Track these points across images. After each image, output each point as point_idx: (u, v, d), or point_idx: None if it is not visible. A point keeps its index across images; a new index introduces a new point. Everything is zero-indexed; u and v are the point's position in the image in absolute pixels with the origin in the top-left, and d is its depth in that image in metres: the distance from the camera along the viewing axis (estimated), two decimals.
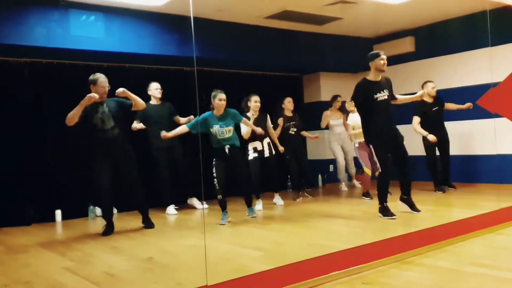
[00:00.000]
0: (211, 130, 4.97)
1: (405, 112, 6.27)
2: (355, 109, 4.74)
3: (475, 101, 5.69)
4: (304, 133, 6.75)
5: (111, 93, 5.85)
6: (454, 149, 7.14)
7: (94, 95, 4.46)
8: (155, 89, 5.83)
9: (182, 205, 6.10)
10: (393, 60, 7.83)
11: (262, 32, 6.75)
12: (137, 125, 5.61)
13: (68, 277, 3.24)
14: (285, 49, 7.01)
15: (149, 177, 5.75)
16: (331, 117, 7.10)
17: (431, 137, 6.14)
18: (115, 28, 5.60)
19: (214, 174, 4.97)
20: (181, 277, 3.08)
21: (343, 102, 6.73)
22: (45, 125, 5.67)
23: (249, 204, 5.25)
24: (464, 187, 6.71)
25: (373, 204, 5.54)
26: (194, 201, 6.17)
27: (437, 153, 6.46)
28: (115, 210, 6.05)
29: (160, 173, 5.81)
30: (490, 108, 5.47)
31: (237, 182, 5.23)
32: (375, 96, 4.68)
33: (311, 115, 7.74)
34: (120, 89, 4.65)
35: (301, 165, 6.62)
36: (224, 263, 3.37)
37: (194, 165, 5.68)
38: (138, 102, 4.78)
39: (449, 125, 7.17)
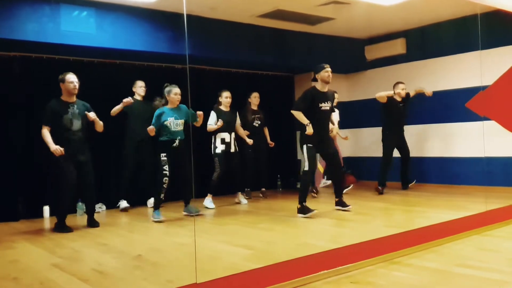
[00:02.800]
0: (166, 122, 5.09)
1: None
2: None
3: (464, 104, 5.76)
4: (266, 130, 6.91)
5: (99, 89, 5.85)
6: (443, 151, 7.23)
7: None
8: (139, 86, 6.06)
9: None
10: (384, 62, 7.91)
11: (254, 30, 6.75)
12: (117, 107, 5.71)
13: (57, 273, 3.22)
14: (277, 48, 7.02)
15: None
16: None
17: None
18: (107, 24, 5.56)
19: (166, 172, 5.04)
20: (170, 275, 3.08)
21: None
22: (34, 121, 5.62)
23: (188, 203, 5.35)
24: (452, 189, 6.78)
25: (361, 205, 5.59)
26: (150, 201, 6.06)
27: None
28: (103, 207, 6.04)
29: (125, 166, 5.94)
30: (479, 111, 5.53)
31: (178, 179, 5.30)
32: (320, 105, 5.05)
33: None
34: (92, 115, 4.82)
35: (260, 161, 6.76)
36: (214, 261, 3.37)
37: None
38: (98, 125, 4.93)
39: (437, 127, 7.26)
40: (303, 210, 5.01)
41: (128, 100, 5.71)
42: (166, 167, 5.06)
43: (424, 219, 4.58)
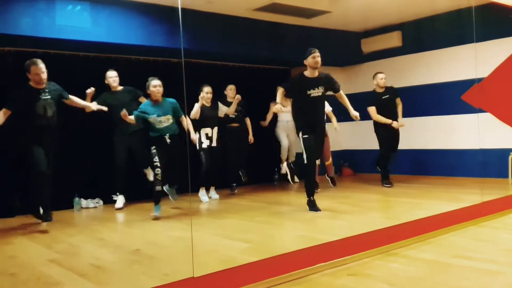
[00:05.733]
0: (150, 119, 4.97)
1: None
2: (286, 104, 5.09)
3: (460, 96, 5.77)
4: (248, 122, 6.80)
5: (95, 83, 5.81)
6: (438, 143, 7.26)
7: None
8: (110, 77, 5.81)
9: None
10: (380, 55, 7.91)
11: (250, 24, 6.73)
12: (95, 106, 5.49)
13: (54, 269, 3.23)
14: (273, 41, 7.00)
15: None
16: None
17: (396, 124, 6.41)
18: (102, 18, 5.53)
19: (157, 164, 4.89)
20: (168, 269, 3.08)
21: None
22: None
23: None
24: (448, 181, 6.81)
25: (358, 197, 5.60)
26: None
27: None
28: (100, 202, 6.04)
29: (116, 161, 5.82)
30: (474, 103, 5.54)
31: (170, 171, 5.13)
32: (308, 92, 4.89)
33: None
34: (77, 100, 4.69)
35: (240, 153, 6.68)
36: (211, 254, 3.38)
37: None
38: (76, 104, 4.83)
39: (433, 119, 7.28)
40: (310, 204, 4.92)
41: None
42: (156, 158, 4.91)
43: (420, 211, 4.60)
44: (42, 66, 4.53)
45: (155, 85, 4.97)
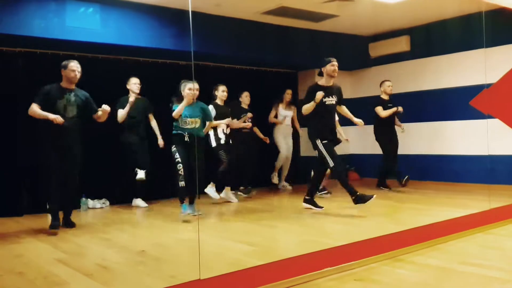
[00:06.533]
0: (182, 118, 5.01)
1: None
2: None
3: (468, 102, 5.74)
4: (256, 129, 6.82)
5: (103, 85, 5.84)
6: (446, 149, 7.22)
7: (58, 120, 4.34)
8: (133, 83, 5.94)
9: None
10: (388, 59, 7.90)
11: (258, 27, 6.75)
12: (122, 112, 5.77)
13: (61, 268, 3.24)
14: (281, 45, 7.01)
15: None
16: (280, 109, 7.24)
17: (400, 108, 6.58)
18: (112, 20, 5.57)
19: (179, 160, 4.89)
20: (174, 270, 3.09)
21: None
22: None
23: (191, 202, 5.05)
24: (455, 187, 6.77)
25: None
26: (138, 202, 6.01)
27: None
28: (107, 203, 6.06)
29: (129, 166, 5.92)
30: (483, 109, 5.51)
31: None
32: (324, 100, 5.02)
33: None
34: (106, 108, 4.63)
35: (251, 159, 6.64)
36: (217, 257, 3.38)
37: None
38: (104, 118, 4.76)
39: (441, 125, 7.25)
40: (311, 202, 5.13)
41: (132, 100, 5.77)
42: (177, 155, 4.90)
43: (428, 217, 4.58)
44: (79, 66, 4.58)
45: (191, 88, 4.96)
